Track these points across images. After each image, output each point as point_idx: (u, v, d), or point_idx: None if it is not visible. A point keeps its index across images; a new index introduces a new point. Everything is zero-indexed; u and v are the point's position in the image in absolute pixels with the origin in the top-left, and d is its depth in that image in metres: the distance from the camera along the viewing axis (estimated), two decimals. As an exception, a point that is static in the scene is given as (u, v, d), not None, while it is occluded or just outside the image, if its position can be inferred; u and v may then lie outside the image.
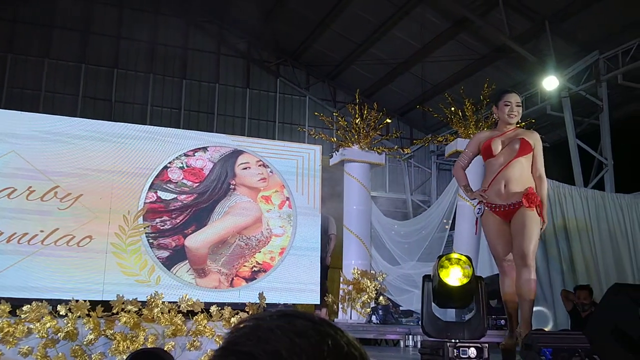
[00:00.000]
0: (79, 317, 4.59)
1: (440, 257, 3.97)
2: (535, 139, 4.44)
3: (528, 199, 4.23)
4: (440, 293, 3.96)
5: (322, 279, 7.70)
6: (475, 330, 3.92)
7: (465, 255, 4.01)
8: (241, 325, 0.74)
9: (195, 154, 7.68)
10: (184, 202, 7.45)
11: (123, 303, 4.71)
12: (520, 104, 4.51)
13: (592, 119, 10.88)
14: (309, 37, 14.45)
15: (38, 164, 6.82)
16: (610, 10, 10.02)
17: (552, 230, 8.02)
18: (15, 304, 4.74)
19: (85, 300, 4.66)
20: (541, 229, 4.30)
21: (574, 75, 10.56)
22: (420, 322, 4.20)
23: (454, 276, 3.85)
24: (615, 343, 3.57)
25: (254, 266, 7.57)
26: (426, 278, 4.06)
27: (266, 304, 5.17)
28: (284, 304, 6.91)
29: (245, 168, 7.87)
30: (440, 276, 3.83)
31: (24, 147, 6.81)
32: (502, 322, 6.68)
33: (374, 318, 7.35)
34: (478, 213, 4.44)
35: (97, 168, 7.09)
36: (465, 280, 3.83)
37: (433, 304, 4.01)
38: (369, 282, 7.81)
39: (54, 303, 4.69)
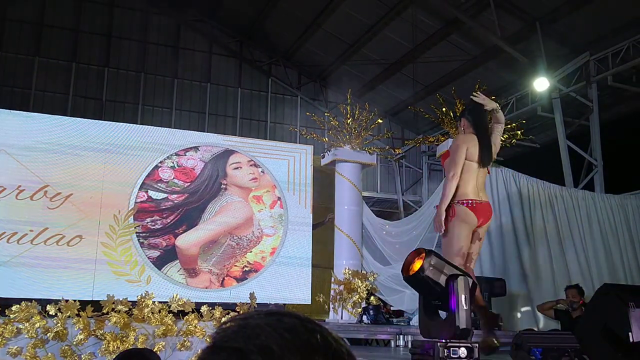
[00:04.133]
0: (69, 317, 4.55)
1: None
2: (452, 142, 4.60)
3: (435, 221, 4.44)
4: None
5: None
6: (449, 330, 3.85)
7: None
8: (228, 324, 0.73)
9: (187, 153, 7.66)
10: (175, 201, 7.42)
11: (113, 303, 4.68)
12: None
13: (582, 120, 10.94)
14: (301, 37, 14.45)
15: (28, 163, 6.78)
16: (600, 12, 10.07)
17: (543, 231, 8.06)
18: (4, 304, 4.70)
19: (75, 300, 4.63)
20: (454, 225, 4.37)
21: (564, 77, 10.62)
22: (469, 325, 3.55)
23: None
24: (605, 343, 3.59)
25: (245, 266, 7.56)
26: (452, 277, 3.62)
27: (257, 304, 5.15)
28: (275, 304, 6.90)
29: (237, 168, 7.86)
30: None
31: (13, 146, 6.77)
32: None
33: (365, 318, 7.35)
34: None
35: (87, 167, 7.06)
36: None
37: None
38: (360, 282, 7.81)
39: (43, 303, 4.65)
